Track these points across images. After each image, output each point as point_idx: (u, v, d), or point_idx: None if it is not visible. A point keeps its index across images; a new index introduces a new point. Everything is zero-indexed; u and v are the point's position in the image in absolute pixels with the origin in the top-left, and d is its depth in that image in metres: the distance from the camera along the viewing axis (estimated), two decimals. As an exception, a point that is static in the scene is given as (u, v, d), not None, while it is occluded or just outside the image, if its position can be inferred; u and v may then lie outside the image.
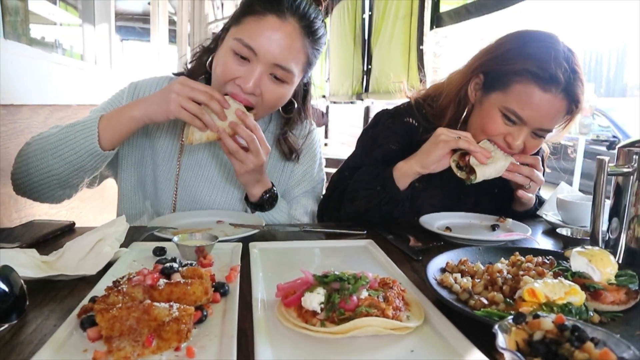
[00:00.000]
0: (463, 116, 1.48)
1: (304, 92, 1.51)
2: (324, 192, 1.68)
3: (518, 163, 1.38)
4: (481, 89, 1.42)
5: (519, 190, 1.42)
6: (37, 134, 1.32)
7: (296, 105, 1.48)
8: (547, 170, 1.74)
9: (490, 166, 1.33)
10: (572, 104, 1.33)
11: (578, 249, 0.93)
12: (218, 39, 1.38)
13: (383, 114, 1.63)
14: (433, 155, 1.33)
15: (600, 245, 1.08)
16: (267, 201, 1.40)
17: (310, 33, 1.29)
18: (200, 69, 1.44)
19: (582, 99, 1.33)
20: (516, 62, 1.31)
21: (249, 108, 1.30)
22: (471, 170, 1.35)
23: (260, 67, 1.25)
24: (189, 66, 1.48)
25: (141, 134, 1.47)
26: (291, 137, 1.53)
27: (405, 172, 1.37)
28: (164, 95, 1.21)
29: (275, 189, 1.42)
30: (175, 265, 0.85)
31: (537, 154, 1.64)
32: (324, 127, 9.29)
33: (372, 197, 1.39)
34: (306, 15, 1.27)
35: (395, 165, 1.39)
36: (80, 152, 1.22)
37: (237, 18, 1.30)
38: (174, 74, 1.53)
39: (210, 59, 1.38)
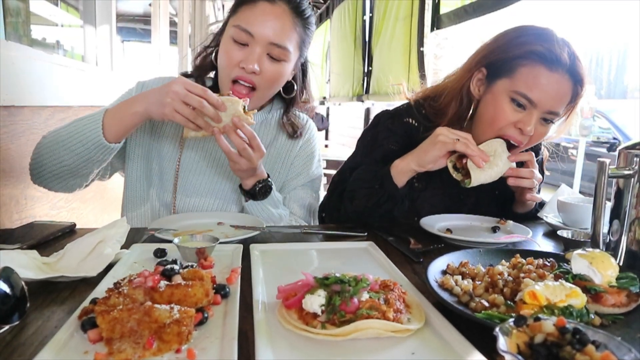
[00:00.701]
0: (469, 114, 1.48)
1: (302, 72, 1.58)
2: (322, 190, 1.69)
3: (515, 165, 1.37)
4: (485, 82, 1.42)
5: (527, 194, 1.42)
6: (53, 129, 1.38)
7: (296, 87, 1.56)
8: (547, 173, 1.74)
9: (486, 171, 1.32)
10: (577, 85, 1.34)
11: (579, 251, 0.93)
12: (219, 35, 1.48)
13: (383, 115, 1.63)
14: (430, 155, 1.33)
15: (601, 247, 1.08)
16: (259, 191, 1.42)
17: (299, 13, 1.42)
18: (205, 67, 1.53)
19: (586, 80, 1.34)
20: (520, 47, 1.33)
21: (252, 88, 1.40)
22: (467, 173, 1.34)
23: (258, 48, 1.37)
24: (196, 63, 1.56)
25: (148, 128, 1.53)
26: (293, 116, 1.61)
27: (402, 170, 1.37)
28: (161, 96, 1.24)
29: (270, 180, 1.44)
30: (176, 267, 0.85)
31: (537, 155, 1.64)
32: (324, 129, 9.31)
33: (371, 196, 1.39)
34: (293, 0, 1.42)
35: (393, 163, 1.39)
36: (87, 145, 1.27)
37: (233, 10, 1.43)
38: (182, 74, 1.57)
39: (214, 55, 1.48)
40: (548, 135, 1.44)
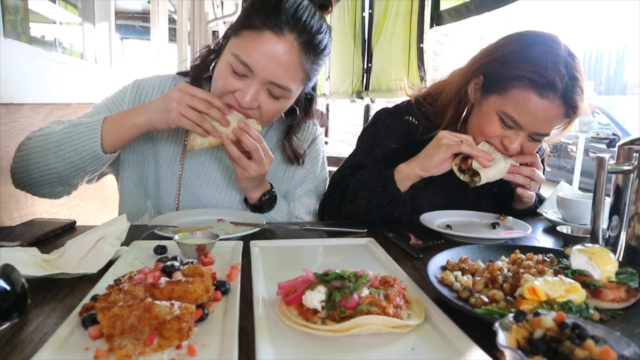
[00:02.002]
0: (463, 116, 1.48)
1: (307, 99, 1.49)
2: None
3: (518, 164, 1.37)
4: (480, 89, 1.42)
5: (519, 188, 1.42)
6: (38, 129, 1.32)
7: (298, 112, 1.47)
8: (548, 168, 1.74)
9: (493, 168, 1.33)
10: (569, 110, 1.32)
11: (578, 246, 0.93)
12: (220, 46, 1.36)
13: (383, 112, 1.63)
14: (435, 159, 1.32)
15: (600, 243, 1.08)
16: (265, 203, 1.40)
17: (311, 48, 1.24)
18: (205, 69, 1.43)
19: (580, 106, 1.31)
20: (515, 67, 1.30)
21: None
22: (474, 173, 1.34)
23: (256, 84, 1.24)
24: (195, 64, 1.47)
25: (143, 135, 1.47)
26: (295, 141, 1.52)
27: (406, 175, 1.36)
28: (164, 103, 1.20)
29: (274, 190, 1.42)
30: (177, 263, 0.85)
31: (537, 152, 1.64)
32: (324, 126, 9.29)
33: (373, 198, 1.39)
34: (307, 29, 1.22)
35: (397, 167, 1.38)
36: (82, 154, 1.22)
37: (236, 29, 1.26)
38: (179, 73, 1.52)
39: (213, 63, 1.36)
40: (544, 140, 1.44)
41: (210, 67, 1.37)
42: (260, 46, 1.20)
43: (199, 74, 1.43)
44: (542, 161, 1.69)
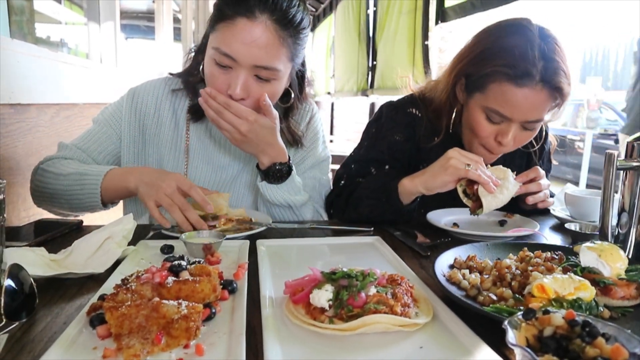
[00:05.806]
0: (459, 119, 1.48)
1: (299, 79, 1.48)
2: (329, 173, 1.66)
3: (521, 183, 1.34)
4: (464, 90, 1.42)
5: (528, 197, 1.40)
6: (50, 159, 1.39)
7: (293, 95, 1.46)
8: (555, 162, 1.73)
9: (497, 197, 1.28)
10: (554, 93, 1.28)
11: (587, 244, 0.92)
12: (203, 47, 1.37)
13: (386, 106, 1.63)
14: (439, 180, 1.29)
15: (609, 240, 1.07)
16: (275, 173, 1.37)
17: (287, 24, 1.25)
18: (194, 72, 1.44)
19: (564, 86, 1.28)
20: (487, 64, 1.31)
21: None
22: (478, 199, 1.30)
23: (243, 72, 1.25)
24: (184, 68, 1.48)
25: (147, 147, 1.48)
26: (292, 123, 1.52)
27: (409, 191, 1.34)
28: (149, 194, 1.19)
29: (291, 164, 1.40)
30: (184, 263, 0.85)
31: (543, 148, 1.63)
32: (329, 122, 9.30)
33: (375, 207, 1.38)
34: (277, 7, 1.23)
35: (401, 181, 1.36)
36: (85, 204, 1.32)
37: (212, 25, 1.28)
38: (172, 74, 1.52)
39: (202, 65, 1.36)
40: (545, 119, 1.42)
41: (200, 69, 1.37)
42: (236, 34, 1.22)
43: (189, 77, 1.45)
44: (549, 154, 1.68)
